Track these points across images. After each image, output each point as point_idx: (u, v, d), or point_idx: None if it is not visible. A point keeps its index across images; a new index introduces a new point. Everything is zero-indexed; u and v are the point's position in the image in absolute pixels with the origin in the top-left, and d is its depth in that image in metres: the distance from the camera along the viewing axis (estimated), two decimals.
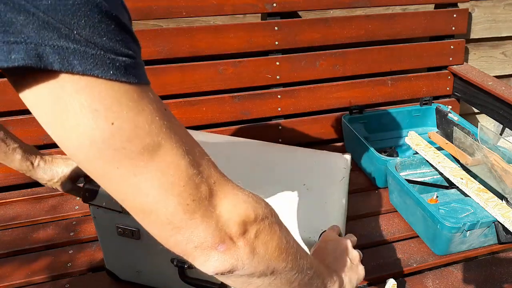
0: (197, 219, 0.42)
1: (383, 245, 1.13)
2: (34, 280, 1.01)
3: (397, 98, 1.66)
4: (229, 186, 0.47)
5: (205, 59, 1.41)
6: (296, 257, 0.52)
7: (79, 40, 0.35)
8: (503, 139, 1.65)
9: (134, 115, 0.39)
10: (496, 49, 1.87)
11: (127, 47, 0.39)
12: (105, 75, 0.37)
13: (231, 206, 0.45)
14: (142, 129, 0.39)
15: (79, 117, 0.37)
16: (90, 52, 0.36)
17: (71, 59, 0.36)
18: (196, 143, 0.46)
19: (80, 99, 0.37)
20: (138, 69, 0.40)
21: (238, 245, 0.45)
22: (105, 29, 0.37)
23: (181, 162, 0.42)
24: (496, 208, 1.06)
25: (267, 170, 1.03)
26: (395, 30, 1.58)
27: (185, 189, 0.42)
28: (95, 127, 0.38)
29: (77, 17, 0.35)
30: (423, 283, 1.02)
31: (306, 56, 1.50)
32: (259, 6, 1.40)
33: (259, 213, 0.47)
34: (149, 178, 0.40)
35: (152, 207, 0.41)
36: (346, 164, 1.07)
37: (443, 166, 1.23)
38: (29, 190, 1.32)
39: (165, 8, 1.31)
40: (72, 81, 0.36)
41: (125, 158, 0.39)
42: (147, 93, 0.40)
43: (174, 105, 1.40)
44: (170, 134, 0.41)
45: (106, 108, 0.38)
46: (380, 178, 1.32)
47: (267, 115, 1.51)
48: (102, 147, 0.38)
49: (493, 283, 1.02)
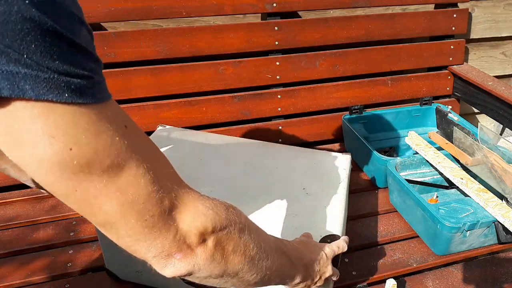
0: (155, 232, 0.44)
1: (383, 245, 1.13)
2: (34, 280, 1.01)
3: (397, 98, 1.66)
4: (190, 199, 0.48)
5: (205, 59, 1.41)
6: (254, 260, 0.55)
7: (30, 65, 0.34)
8: (503, 139, 1.65)
9: (92, 138, 0.39)
10: (496, 49, 1.87)
11: (83, 67, 0.38)
12: (60, 99, 0.36)
13: (190, 219, 0.47)
14: (101, 153, 0.39)
15: (36, 144, 0.37)
16: (43, 76, 0.35)
17: (22, 84, 0.34)
18: (159, 156, 0.47)
19: (35, 127, 0.36)
20: (96, 88, 0.39)
21: (196, 252, 0.48)
22: (57, 52, 0.36)
23: (141, 180, 0.43)
24: (496, 208, 1.06)
25: (267, 171, 1.03)
26: (395, 30, 1.58)
27: (144, 206, 0.43)
28: (53, 153, 0.37)
29: (27, 42, 0.34)
30: (423, 283, 1.02)
31: (306, 56, 1.50)
32: (259, 6, 1.40)
33: (217, 225, 0.49)
34: (109, 199, 0.41)
35: (112, 223, 0.43)
36: (346, 164, 1.07)
37: (443, 166, 1.23)
38: (29, 190, 1.32)
39: (165, 8, 1.31)
40: (25, 107, 0.35)
41: (84, 181, 0.39)
42: (107, 110, 0.40)
43: (174, 105, 1.40)
44: (131, 153, 0.42)
45: (63, 133, 0.37)
46: (380, 178, 1.32)
47: (267, 115, 1.51)
48: (61, 172, 0.38)
49: (493, 283, 1.02)
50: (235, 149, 1.11)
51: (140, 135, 0.45)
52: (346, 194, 0.98)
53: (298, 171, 1.03)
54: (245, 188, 0.96)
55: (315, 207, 0.92)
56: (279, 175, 1.01)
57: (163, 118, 1.39)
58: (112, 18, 1.27)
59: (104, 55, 1.28)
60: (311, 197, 0.94)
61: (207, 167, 1.03)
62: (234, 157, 1.07)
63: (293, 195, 0.95)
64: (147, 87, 1.36)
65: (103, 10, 1.24)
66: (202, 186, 0.94)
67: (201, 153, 1.08)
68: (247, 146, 1.14)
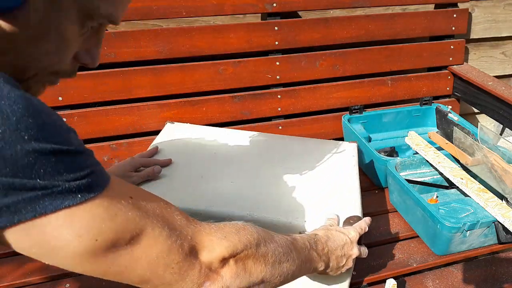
0: (183, 273, 0.51)
1: (383, 245, 1.13)
2: (33, 280, 1.01)
3: (397, 98, 1.66)
4: (203, 235, 0.55)
5: (205, 59, 1.41)
6: (275, 265, 0.62)
7: (45, 186, 0.40)
8: (503, 139, 1.65)
9: (110, 223, 0.45)
10: (496, 49, 1.87)
11: (84, 167, 0.44)
12: (75, 202, 0.42)
13: (208, 252, 0.54)
14: (120, 231, 0.46)
15: (67, 247, 0.43)
16: (57, 190, 0.41)
17: (41, 203, 0.40)
18: (165, 207, 0.53)
19: (62, 233, 0.42)
20: (99, 177, 0.45)
21: (222, 275, 0.55)
22: (62, 166, 0.42)
23: (160, 239, 0.49)
24: (496, 208, 1.06)
25: (280, 161, 1.06)
26: (395, 30, 1.58)
27: (168, 257, 0.50)
28: (84, 249, 0.44)
29: (36, 169, 0.40)
30: (423, 283, 1.02)
31: (306, 56, 1.50)
32: (259, 6, 1.40)
33: (233, 250, 0.56)
34: (138, 263, 0.48)
35: (146, 280, 0.50)
36: (354, 151, 1.12)
37: (443, 166, 1.23)
38: None
39: (165, 8, 1.31)
40: (50, 221, 0.41)
41: (114, 259, 0.46)
42: (112, 192, 0.46)
43: (174, 105, 1.40)
44: (144, 220, 0.49)
45: (87, 230, 0.43)
46: (380, 178, 1.32)
47: (267, 115, 1.51)
48: (93, 259, 0.45)
49: (493, 283, 1.02)
50: (246, 142, 1.14)
51: (143, 197, 0.51)
52: (358, 179, 1.02)
53: (310, 159, 1.07)
54: (263, 179, 0.99)
55: (332, 191, 0.96)
56: (293, 165, 1.05)
57: (163, 118, 1.39)
58: None
59: (104, 55, 1.28)
60: (327, 183, 0.99)
61: (222, 161, 1.05)
62: (246, 150, 1.10)
63: (310, 182, 0.98)
64: (147, 87, 1.36)
65: None
66: (222, 180, 0.98)
67: (214, 148, 1.10)
68: (257, 138, 1.17)
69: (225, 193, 0.93)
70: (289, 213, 0.88)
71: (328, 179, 1.00)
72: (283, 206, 0.90)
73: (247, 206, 0.89)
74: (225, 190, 0.93)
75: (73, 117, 1.31)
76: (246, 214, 0.87)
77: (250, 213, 0.88)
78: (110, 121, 1.35)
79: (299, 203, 0.91)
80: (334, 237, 0.79)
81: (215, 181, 0.96)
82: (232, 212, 0.88)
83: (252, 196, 0.92)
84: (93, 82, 1.29)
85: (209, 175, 0.98)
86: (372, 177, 1.36)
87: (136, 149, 1.39)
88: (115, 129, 1.36)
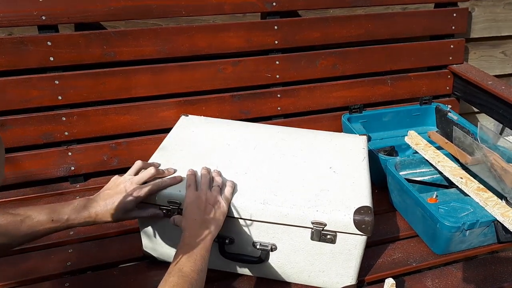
0: None
1: (383, 245, 1.13)
2: (33, 280, 1.01)
3: (396, 98, 1.66)
4: None
5: (205, 58, 1.40)
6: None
7: None
8: (503, 138, 1.65)
9: None
10: (496, 48, 1.87)
11: None
12: None
13: None
14: None
15: None
16: None
17: None
18: None
19: None
20: None
21: None
22: None
23: None
24: (495, 207, 1.06)
25: (293, 153, 1.08)
26: (395, 29, 1.58)
27: None
28: None
29: None
30: (423, 283, 1.02)
31: (306, 55, 1.50)
32: (258, 5, 1.40)
33: None
34: None
35: None
36: (364, 143, 1.15)
37: (442, 166, 1.23)
38: (28, 190, 1.32)
39: (164, 7, 1.31)
40: None
41: None
42: None
43: (174, 104, 1.40)
44: None
45: None
46: (379, 178, 1.32)
47: (266, 114, 1.51)
48: None
49: (493, 282, 1.02)
50: (258, 134, 1.16)
51: None
52: (368, 171, 1.04)
53: (322, 151, 1.10)
54: (276, 170, 1.01)
55: (343, 182, 0.98)
56: (305, 157, 1.07)
57: (163, 117, 1.39)
58: (112, 18, 1.27)
59: (104, 55, 1.28)
60: (338, 174, 1.01)
61: (236, 152, 1.07)
62: (259, 142, 1.12)
63: (322, 174, 1.01)
64: (147, 86, 1.36)
65: (103, 9, 1.24)
66: (236, 170, 0.99)
67: (228, 140, 1.12)
68: (269, 131, 1.19)
69: (239, 184, 0.95)
70: (302, 204, 0.90)
71: (340, 170, 1.02)
72: (296, 197, 0.92)
73: (260, 197, 0.91)
74: (239, 181, 0.96)
75: (73, 116, 1.31)
76: (259, 205, 0.90)
77: (263, 204, 0.90)
78: (109, 120, 1.35)
79: (312, 194, 0.93)
80: (188, 226, 0.83)
81: (229, 172, 0.98)
82: (245, 203, 0.90)
83: (266, 187, 0.94)
84: (93, 81, 1.29)
85: (223, 166, 1.00)
86: (372, 177, 1.36)
87: (135, 148, 1.39)
88: (114, 128, 1.36)
